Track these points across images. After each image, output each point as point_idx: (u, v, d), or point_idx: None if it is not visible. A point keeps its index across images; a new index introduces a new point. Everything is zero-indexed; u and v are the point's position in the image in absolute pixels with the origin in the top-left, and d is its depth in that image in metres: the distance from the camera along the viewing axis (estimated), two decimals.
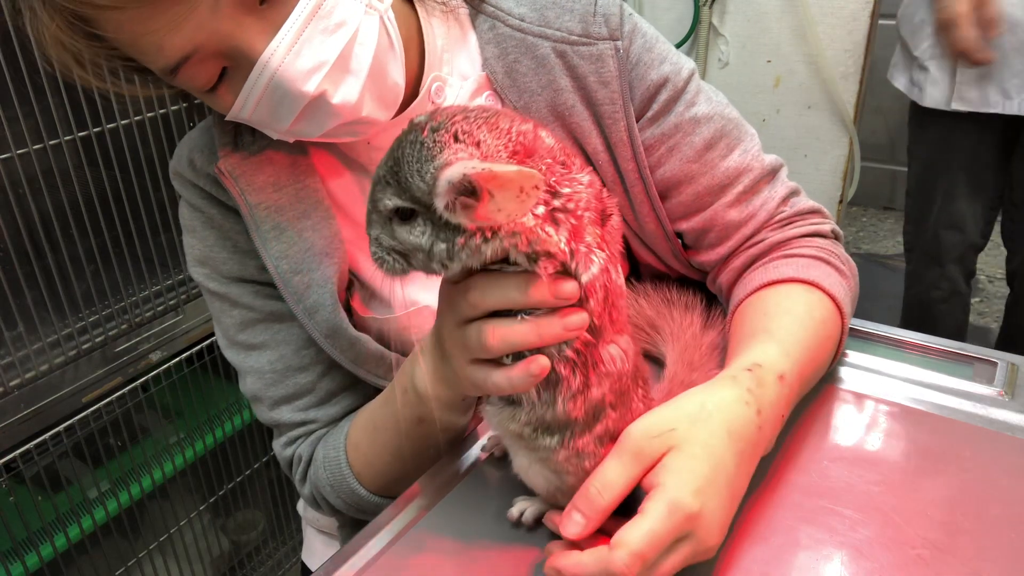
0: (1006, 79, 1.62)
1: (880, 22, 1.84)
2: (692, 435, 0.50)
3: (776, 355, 0.58)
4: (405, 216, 0.46)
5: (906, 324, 2.10)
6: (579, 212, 0.46)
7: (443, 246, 0.45)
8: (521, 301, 0.47)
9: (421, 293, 0.73)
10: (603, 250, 0.47)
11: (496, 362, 0.50)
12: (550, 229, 0.45)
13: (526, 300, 0.47)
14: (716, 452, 0.50)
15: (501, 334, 0.48)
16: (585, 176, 0.47)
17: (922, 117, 1.81)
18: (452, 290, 0.51)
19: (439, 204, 0.43)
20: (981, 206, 1.85)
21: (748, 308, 0.67)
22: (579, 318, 0.47)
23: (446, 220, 0.44)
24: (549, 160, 0.46)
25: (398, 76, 0.65)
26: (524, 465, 0.55)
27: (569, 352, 0.48)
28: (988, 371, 0.71)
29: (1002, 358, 0.72)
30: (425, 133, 0.44)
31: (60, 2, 0.54)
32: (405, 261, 0.48)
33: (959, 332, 2.02)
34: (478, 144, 0.44)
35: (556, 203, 0.45)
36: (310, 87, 0.58)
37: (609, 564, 0.45)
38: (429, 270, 0.48)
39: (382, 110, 0.64)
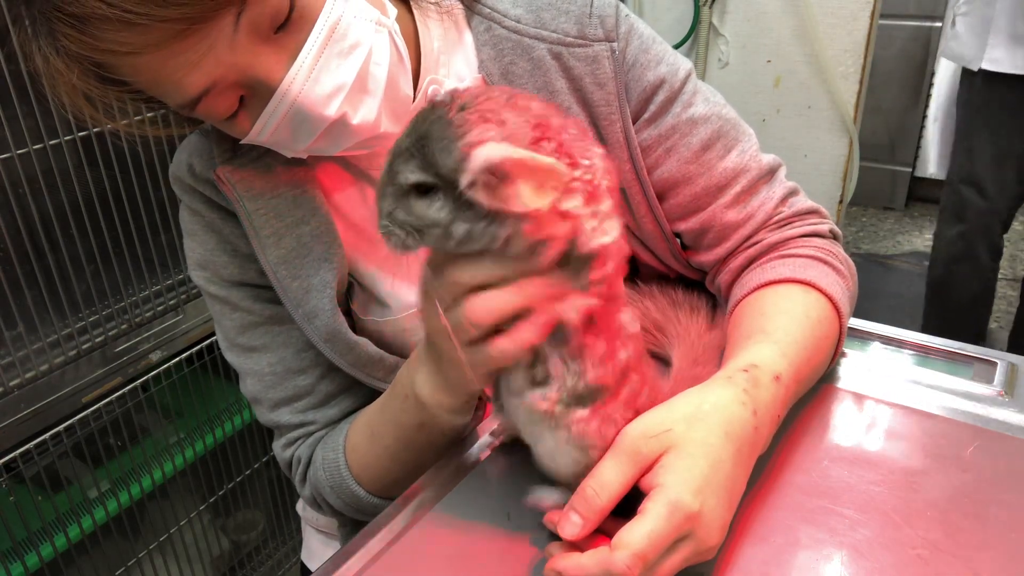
0: None
1: (880, 22, 1.84)
2: (689, 435, 0.50)
3: (772, 355, 0.58)
4: (423, 191, 0.46)
5: (929, 284, 2.14)
6: (596, 181, 0.46)
7: (465, 227, 0.45)
8: (495, 265, 0.47)
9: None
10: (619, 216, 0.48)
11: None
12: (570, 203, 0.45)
13: (499, 253, 0.47)
14: (714, 452, 0.50)
15: (481, 301, 0.48)
16: (599, 148, 0.48)
17: (963, 75, 1.90)
18: (428, 286, 0.51)
19: (464, 180, 0.43)
20: (1006, 172, 1.86)
21: (745, 308, 0.67)
22: (556, 274, 0.47)
23: (467, 199, 0.44)
24: (573, 130, 0.47)
25: (407, 88, 0.65)
26: (550, 450, 0.54)
27: (589, 315, 0.48)
28: (988, 371, 0.71)
29: (1002, 358, 0.72)
30: (452, 111, 0.45)
31: (76, 51, 0.53)
32: (418, 237, 0.47)
33: (978, 305, 2.05)
34: (503, 123, 0.44)
35: (576, 173, 0.46)
36: (331, 111, 0.59)
37: (610, 565, 0.45)
38: (443, 247, 0.47)
39: (396, 124, 0.64)
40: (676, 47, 1.99)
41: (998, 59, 1.76)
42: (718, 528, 0.49)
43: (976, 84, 1.84)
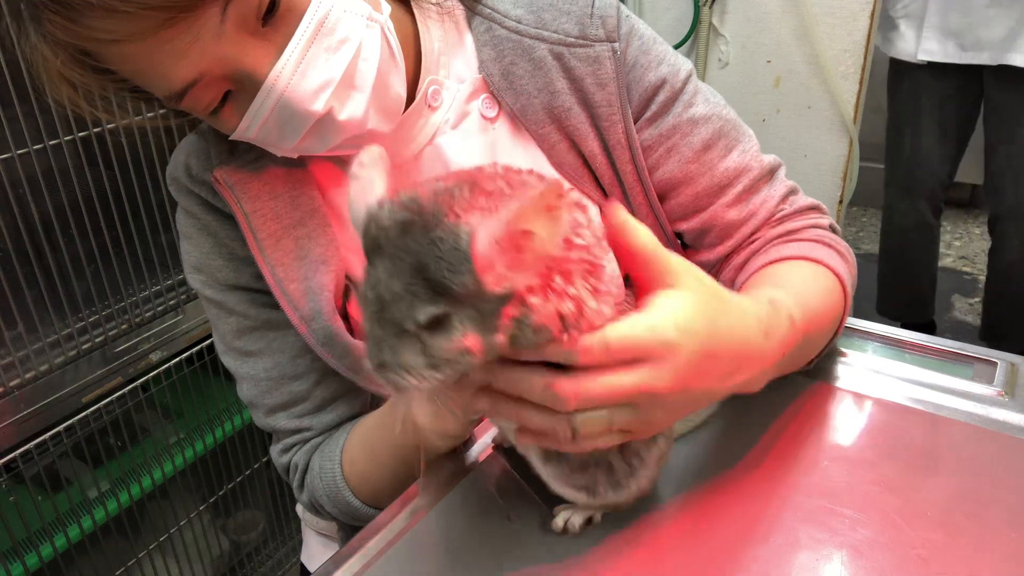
0: (963, 35, 1.97)
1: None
2: (697, 309, 0.47)
3: (787, 300, 0.57)
4: (436, 325, 0.41)
5: (884, 252, 2.42)
6: (593, 259, 0.44)
7: (493, 337, 0.41)
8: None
9: None
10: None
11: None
12: (579, 294, 0.43)
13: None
14: (713, 331, 0.47)
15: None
16: (586, 212, 0.46)
17: (897, 69, 2.19)
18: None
19: (491, 280, 0.39)
20: (947, 147, 2.18)
21: (753, 279, 0.67)
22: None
23: (487, 308, 0.40)
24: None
25: (400, 87, 0.65)
26: (564, 472, 0.53)
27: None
28: (988, 371, 0.71)
29: (1002, 358, 0.72)
30: (431, 223, 0.40)
31: (63, 38, 0.53)
32: (438, 371, 0.42)
33: (930, 263, 2.37)
34: (484, 208, 0.40)
35: (573, 255, 0.43)
36: (317, 106, 0.58)
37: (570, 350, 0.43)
38: (463, 372, 0.43)
39: (386, 122, 0.64)
40: (676, 47, 1.99)
41: (931, 50, 2.02)
42: (680, 387, 0.46)
43: (914, 74, 2.11)
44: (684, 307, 0.46)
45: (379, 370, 0.42)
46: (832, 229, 0.74)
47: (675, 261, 0.48)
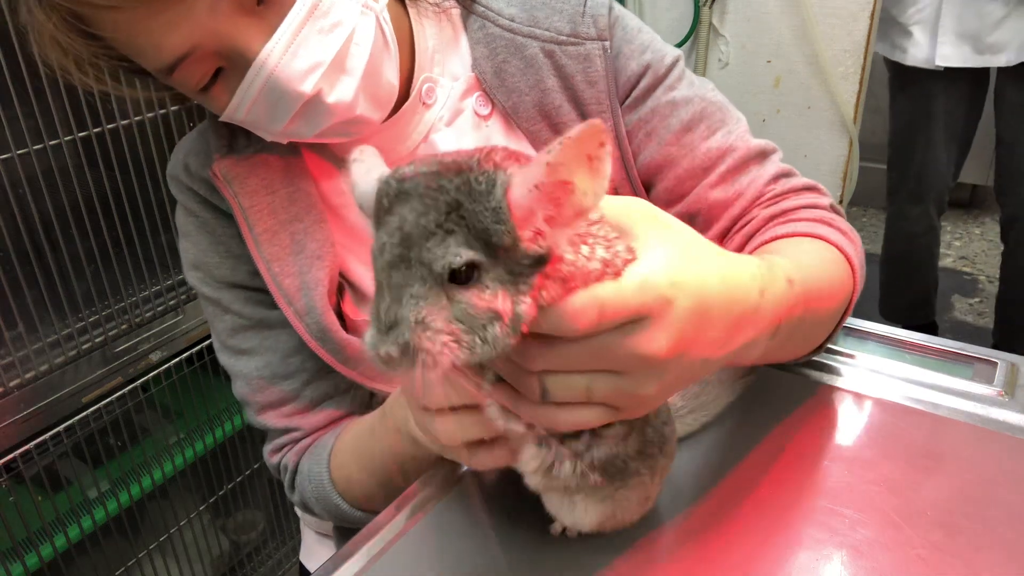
0: (979, 38, 1.95)
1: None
2: (681, 268, 0.41)
3: (786, 264, 0.51)
4: (465, 278, 0.35)
5: (887, 258, 2.41)
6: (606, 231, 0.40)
7: (523, 307, 0.36)
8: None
9: None
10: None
11: None
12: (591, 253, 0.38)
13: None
14: (704, 284, 0.42)
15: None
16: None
17: (904, 76, 2.14)
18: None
19: (527, 232, 0.35)
20: (953, 150, 2.18)
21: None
22: None
23: (519, 269, 0.36)
24: None
25: (392, 76, 0.65)
26: (571, 512, 0.52)
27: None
28: (988, 371, 0.71)
29: (1002, 358, 0.72)
30: (465, 167, 0.36)
31: (58, 1, 0.53)
32: (457, 345, 0.36)
33: (933, 265, 2.37)
34: (518, 160, 0.38)
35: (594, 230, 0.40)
36: (306, 87, 0.58)
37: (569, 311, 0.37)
38: (495, 347, 0.36)
39: (376, 110, 0.64)
40: (676, 47, 1.98)
41: (947, 55, 1.99)
42: (678, 351, 0.40)
43: (923, 80, 2.09)
44: (668, 257, 0.40)
45: (389, 333, 0.35)
46: (833, 209, 0.69)
47: (635, 212, 0.43)
